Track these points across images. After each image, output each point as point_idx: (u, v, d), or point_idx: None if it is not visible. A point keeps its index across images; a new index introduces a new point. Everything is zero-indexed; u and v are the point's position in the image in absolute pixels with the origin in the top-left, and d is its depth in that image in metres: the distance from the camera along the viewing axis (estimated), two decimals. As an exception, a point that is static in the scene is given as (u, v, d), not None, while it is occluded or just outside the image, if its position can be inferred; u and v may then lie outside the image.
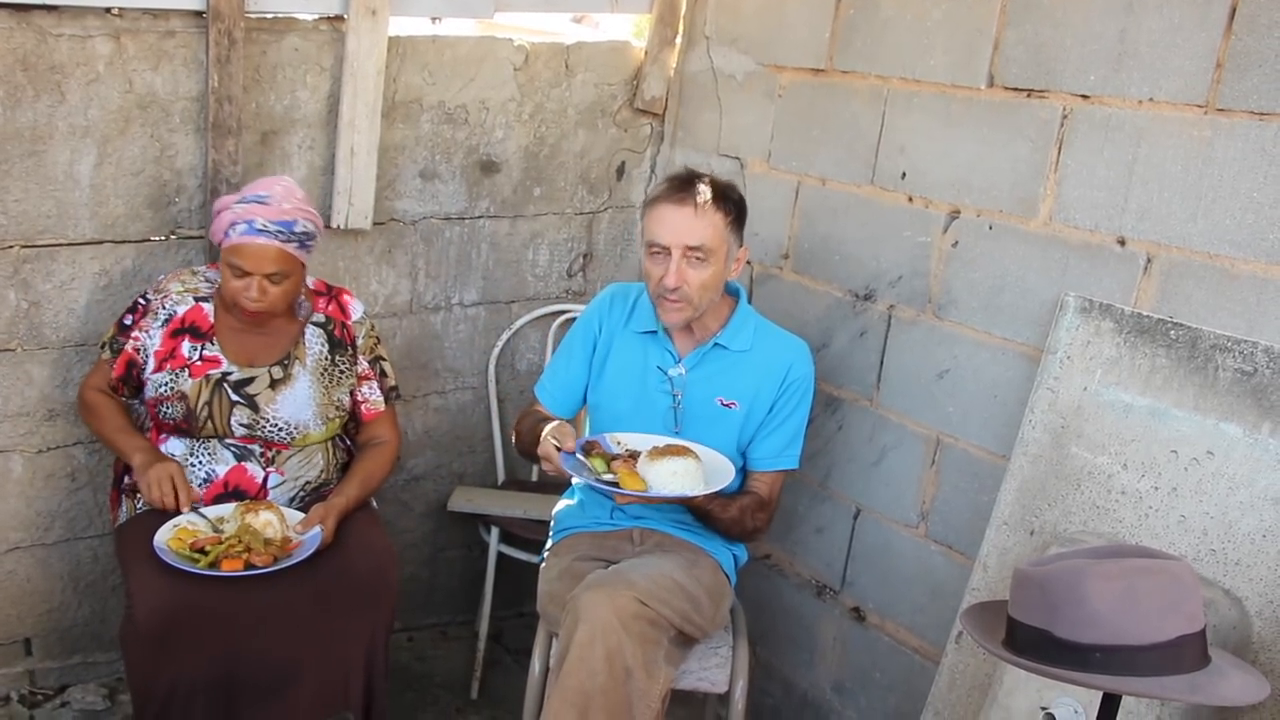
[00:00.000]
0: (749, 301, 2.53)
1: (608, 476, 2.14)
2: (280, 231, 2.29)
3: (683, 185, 2.27)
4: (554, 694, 2.05)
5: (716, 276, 2.28)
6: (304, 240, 2.34)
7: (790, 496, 2.79)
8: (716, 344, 2.37)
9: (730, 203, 2.28)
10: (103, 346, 2.45)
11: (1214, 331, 1.95)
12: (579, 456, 2.17)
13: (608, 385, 2.43)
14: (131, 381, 2.43)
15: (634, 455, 2.21)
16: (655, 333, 2.40)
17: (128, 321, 2.42)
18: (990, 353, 2.36)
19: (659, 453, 2.16)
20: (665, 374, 2.38)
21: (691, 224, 2.22)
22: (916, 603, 2.56)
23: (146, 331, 2.39)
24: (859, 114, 2.63)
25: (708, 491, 2.14)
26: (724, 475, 2.19)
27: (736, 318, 2.39)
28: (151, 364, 2.38)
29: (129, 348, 2.40)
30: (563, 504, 2.55)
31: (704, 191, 2.25)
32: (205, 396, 2.36)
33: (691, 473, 2.13)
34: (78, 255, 2.56)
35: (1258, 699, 1.45)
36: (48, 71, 2.40)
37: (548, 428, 2.21)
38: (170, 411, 2.36)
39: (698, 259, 2.23)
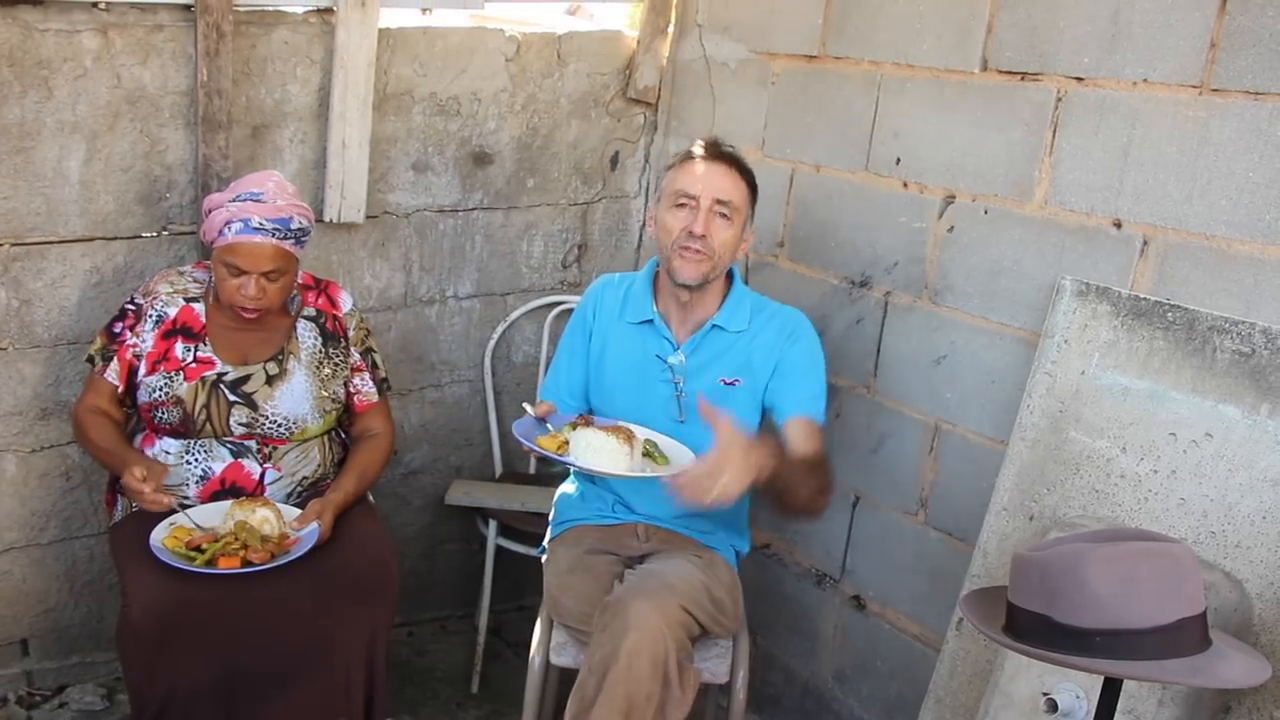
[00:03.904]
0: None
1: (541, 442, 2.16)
2: (277, 229, 2.27)
3: (716, 145, 2.32)
4: (601, 701, 2.04)
5: (735, 240, 2.30)
6: (299, 236, 2.33)
7: (788, 485, 2.78)
8: (714, 326, 2.35)
9: (751, 178, 2.33)
10: (90, 360, 2.39)
11: (1211, 313, 1.94)
12: (548, 425, 2.21)
13: (608, 379, 2.40)
14: (133, 390, 2.39)
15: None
16: (651, 322, 2.38)
17: (117, 329, 2.38)
18: (987, 338, 2.35)
19: (585, 423, 2.18)
20: (665, 362, 2.37)
21: (724, 179, 2.26)
22: (917, 590, 2.55)
23: (140, 336, 2.36)
24: (852, 100, 2.61)
25: (631, 475, 2.14)
26: (671, 465, 2.17)
27: (732, 298, 2.38)
28: (144, 367, 2.36)
29: (129, 355, 2.36)
30: (562, 491, 2.54)
31: (737, 156, 2.31)
32: (202, 399, 2.34)
33: (609, 449, 2.11)
34: (68, 252, 2.55)
35: (1259, 681, 1.45)
36: (34, 67, 2.39)
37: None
38: (166, 416, 2.34)
39: (724, 215, 2.25)
